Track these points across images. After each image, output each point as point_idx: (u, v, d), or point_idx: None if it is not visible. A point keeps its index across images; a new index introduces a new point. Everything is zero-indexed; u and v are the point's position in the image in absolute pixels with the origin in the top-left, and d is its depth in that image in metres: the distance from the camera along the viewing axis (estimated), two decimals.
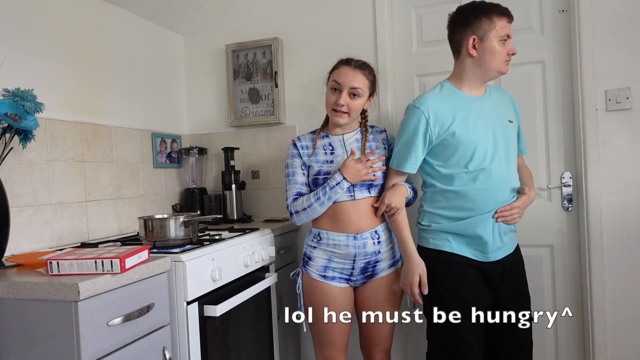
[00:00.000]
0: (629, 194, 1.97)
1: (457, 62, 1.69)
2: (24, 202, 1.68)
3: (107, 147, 2.07)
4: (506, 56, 1.60)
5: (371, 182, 1.73)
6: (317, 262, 1.75)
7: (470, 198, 1.60)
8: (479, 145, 1.60)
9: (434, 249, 1.66)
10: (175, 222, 1.65)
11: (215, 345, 1.65)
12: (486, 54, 1.59)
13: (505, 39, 1.59)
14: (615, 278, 1.99)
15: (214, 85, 2.61)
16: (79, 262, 1.25)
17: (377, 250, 1.73)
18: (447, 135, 1.60)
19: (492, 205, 1.60)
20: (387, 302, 1.75)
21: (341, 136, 1.81)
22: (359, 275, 1.74)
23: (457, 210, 1.62)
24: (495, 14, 1.57)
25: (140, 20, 2.33)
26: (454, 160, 1.61)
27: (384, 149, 1.81)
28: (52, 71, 1.82)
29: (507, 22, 1.59)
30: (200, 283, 1.56)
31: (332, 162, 1.76)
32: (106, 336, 1.23)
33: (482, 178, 1.59)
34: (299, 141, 1.84)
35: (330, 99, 1.74)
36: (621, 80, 1.97)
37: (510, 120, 1.70)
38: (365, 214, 1.73)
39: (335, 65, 1.79)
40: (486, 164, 1.60)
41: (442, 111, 1.61)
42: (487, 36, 1.57)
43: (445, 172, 1.63)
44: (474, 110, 1.63)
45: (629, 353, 1.98)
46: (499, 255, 1.65)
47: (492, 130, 1.63)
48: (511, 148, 1.67)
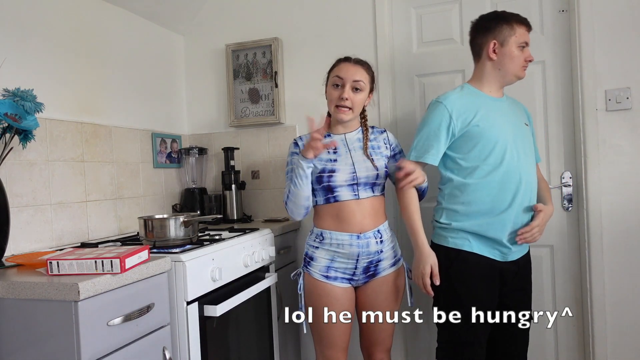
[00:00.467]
0: (629, 194, 1.97)
1: (477, 65, 1.76)
2: (24, 202, 1.68)
3: (107, 147, 2.07)
4: (524, 62, 1.68)
5: (375, 181, 1.73)
6: (320, 263, 1.75)
7: (488, 191, 1.63)
8: (499, 140, 1.64)
9: (454, 248, 1.67)
10: (175, 222, 1.65)
11: (215, 345, 1.65)
12: (505, 58, 1.67)
13: (524, 45, 1.67)
14: (615, 278, 1.99)
15: (214, 85, 2.61)
16: (79, 262, 1.25)
17: (379, 250, 1.73)
18: (469, 128, 1.65)
19: (507, 202, 1.62)
20: (388, 301, 1.75)
21: (343, 135, 1.81)
22: (362, 275, 1.74)
23: (474, 204, 1.64)
24: (516, 21, 1.67)
25: (140, 20, 2.33)
26: (475, 153, 1.65)
27: (386, 148, 1.81)
28: (52, 71, 1.82)
29: (525, 30, 1.68)
30: (200, 283, 1.56)
31: (336, 160, 1.76)
32: (106, 336, 1.23)
33: (500, 171, 1.63)
34: (300, 140, 1.84)
35: (333, 94, 1.75)
36: (621, 80, 1.97)
37: (525, 123, 1.76)
38: (369, 213, 1.73)
39: (334, 64, 1.80)
40: (506, 159, 1.63)
41: (465, 106, 1.67)
42: (507, 41, 1.66)
43: (466, 165, 1.66)
44: (494, 108, 1.69)
45: (629, 353, 1.98)
46: (516, 256, 1.69)
47: (512, 129, 1.68)
48: (528, 149, 1.72)
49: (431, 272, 1.65)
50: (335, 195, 1.73)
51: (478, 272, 1.64)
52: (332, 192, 1.73)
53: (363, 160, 1.75)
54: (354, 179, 1.72)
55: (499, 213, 1.63)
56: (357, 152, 1.77)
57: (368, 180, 1.72)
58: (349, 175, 1.72)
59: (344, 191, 1.72)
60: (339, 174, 1.72)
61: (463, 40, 2.22)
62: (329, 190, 1.73)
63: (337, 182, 1.72)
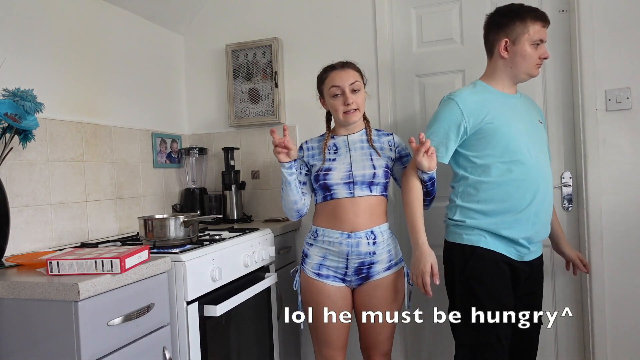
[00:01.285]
0: (629, 194, 1.97)
1: (489, 62, 1.72)
2: (24, 202, 1.68)
3: (107, 147, 2.07)
4: (538, 60, 1.63)
5: (372, 180, 1.73)
6: (313, 260, 1.76)
7: (505, 189, 1.59)
8: (513, 136, 1.60)
9: (469, 244, 1.62)
10: (175, 222, 1.65)
11: (215, 345, 1.65)
12: (517, 56, 1.62)
13: (538, 43, 1.61)
14: (615, 278, 1.99)
15: (214, 85, 2.61)
16: (79, 262, 1.25)
17: (371, 251, 1.71)
18: (482, 125, 1.61)
19: (527, 200, 1.58)
20: (384, 304, 1.73)
21: (345, 137, 1.82)
22: (354, 276, 1.73)
23: (491, 202, 1.60)
24: (530, 18, 1.60)
25: (140, 20, 2.33)
26: (489, 150, 1.61)
27: (390, 150, 1.81)
28: (52, 71, 1.82)
29: (541, 27, 1.61)
30: (200, 283, 1.56)
31: (335, 159, 1.77)
32: (106, 336, 1.23)
33: (517, 169, 1.59)
34: (305, 144, 1.88)
35: (337, 104, 1.76)
36: (621, 80, 1.97)
37: (540, 121, 1.72)
38: (364, 212, 1.72)
39: (321, 75, 1.82)
40: (521, 156, 1.60)
41: (477, 104, 1.63)
42: (519, 40, 1.61)
43: (481, 163, 1.63)
44: (508, 104, 1.66)
45: (629, 353, 1.98)
46: (532, 256, 1.65)
47: (525, 126, 1.65)
48: (544, 146, 1.69)
49: (431, 271, 1.60)
50: (332, 193, 1.74)
51: (495, 270, 1.59)
52: (329, 190, 1.74)
53: (361, 159, 1.75)
54: (350, 177, 1.72)
55: (518, 212, 1.58)
56: (357, 152, 1.78)
57: (365, 179, 1.72)
58: (345, 173, 1.73)
59: (340, 189, 1.73)
60: (334, 172, 1.74)
61: (463, 40, 2.22)
62: (326, 188, 1.75)
63: (332, 180, 1.73)
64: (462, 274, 1.62)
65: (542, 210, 1.62)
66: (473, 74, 1.99)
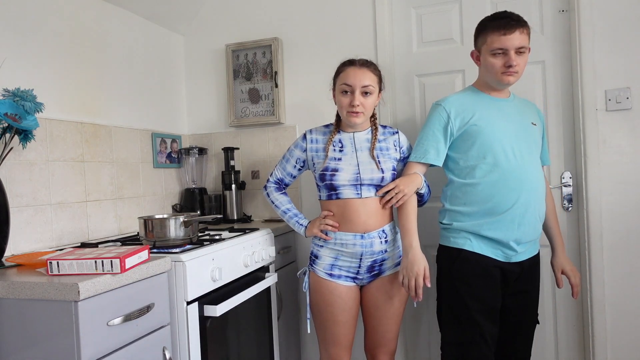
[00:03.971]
0: (629, 194, 1.97)
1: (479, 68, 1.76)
2: (24, 202, 1.68)
3: (107, 147, 2.07)
4: (502, 68, 1.61)
5: (380, 183, 1.71)
6: (324, 261, 1.75)
7: (489, 190, 1.61)
8: (498, 137, 1.62)
9: (455, 247, 1.66)
10: (175, 222, 1.65)
11: (215, 345, 1.65)
12: (484, 66, 1.68)
13: (499, 52, 1.60)
14: (615, 278, 1.99)
15: (213, 85, 2.61)
16: (79, 262, 1.25)
17: (384, 250, 1.73)
18: (467, 127, 1.65)
19: (510, 201, 1.59)
20: (392, 299, 1.75)
21: (352, 134, 1.79)
22: (366, 274, 1.74)
23: (475, 204, 1.62)
24: (490, 28, 1.62)
25: (140, 20, 2.33)
26: (473, 152, 1.64)
27: (395, 150, 1.79)
28: (52, 71, 1.82)
29: (501, 36, 1.58)
30: (200, 283, 1.56)
31: (341, 159, 1.75)
32: (106, 336, 1.23)
33: (501, 170, 1.60)
34: (310, 134, 1.84)
35: (343, 102, 1.73)
36: (621, 80, 1.97)
37: (533, 123, 1.72)
38: (373, 212, 1.72)
39: (339, 68, 1.77)
40: (506, 157, 1.61)
41: (463, 106, 1.67)
42: (482, 50, 1.67)
43: (466, 165, 1.65)
44: (495, 107, 1.68)
45: (629, 353, 1.98)
46: (520, 258, 1.66)
47: (514, 127, 1.66)
48: (534, 148, 1.69)
49: (424, 274, 1.64)
50: (337, 193, 1.73)
51: (480, 272, 1.63)
52: (335, 190, 1.73)
53: (369, 161, 1.73)
54: (357, 179, 1.71)
55: (501, 213, 1.60)
56: (364, 152, 1.75)
57: (372, 182, 1.71)
58: (353, 175, 1.71)
59: (346, 190, 1.72)
60: (342, 173, 1.72)
61: (463, 40, 2.22)
62: (332, 188, 1.74)
63: (339, 181, 1.72)
64: (448, 275, 1.67)
65: (529, 212, 1.62)
66: (473, 74, 1.99)
